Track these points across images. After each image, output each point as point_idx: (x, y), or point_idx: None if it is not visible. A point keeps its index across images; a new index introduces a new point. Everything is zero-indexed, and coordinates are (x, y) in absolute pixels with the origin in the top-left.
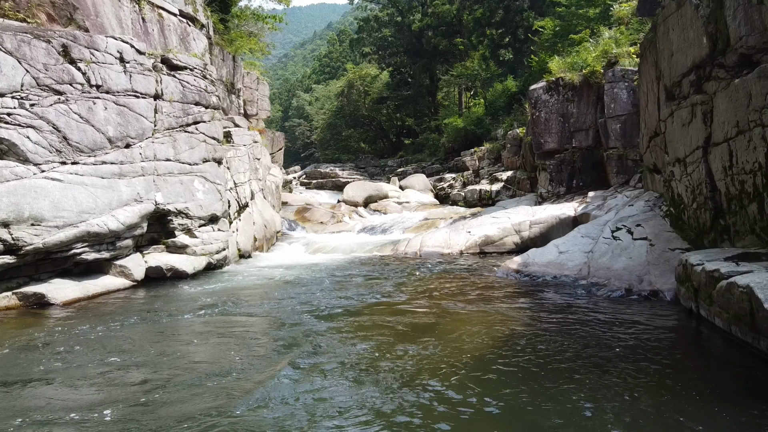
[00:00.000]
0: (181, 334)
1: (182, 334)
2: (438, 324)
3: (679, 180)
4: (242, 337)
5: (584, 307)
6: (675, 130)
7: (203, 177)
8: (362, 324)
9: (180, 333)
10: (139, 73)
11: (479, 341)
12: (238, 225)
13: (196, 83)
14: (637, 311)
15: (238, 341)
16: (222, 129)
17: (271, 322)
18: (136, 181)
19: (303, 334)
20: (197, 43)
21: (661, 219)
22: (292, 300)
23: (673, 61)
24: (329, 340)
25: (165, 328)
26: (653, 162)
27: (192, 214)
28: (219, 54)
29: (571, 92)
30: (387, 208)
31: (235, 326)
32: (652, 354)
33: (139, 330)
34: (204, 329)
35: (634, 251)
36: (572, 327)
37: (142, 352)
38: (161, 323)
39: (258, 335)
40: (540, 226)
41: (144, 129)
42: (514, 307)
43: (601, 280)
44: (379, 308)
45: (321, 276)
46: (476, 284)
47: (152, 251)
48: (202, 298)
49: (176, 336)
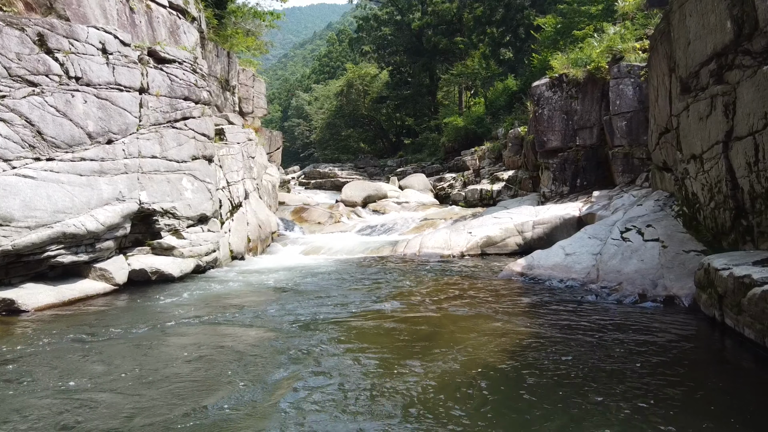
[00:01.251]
0: (162, 348)
1: (163, 348)
2: (441, 334)
3: (694, 178)
4: (232, 353)
5: (596, 314)
6: (690, 125)
7: (192, 175)
8: (360, 334)
9: (161, 346)
10: (123, 66)
11: (486, 354)
12: (230, 225)
13: (186, 77)
14: (654, 319)
15: (228, 357)
16: (214, 125)
17: (263, 333)
18: (119, 179)
19: (297, 348)
20: (188, 37)
21: (672, 219)
22: (286, 307)
23: (690, 50)
24: (326, 356)
25: (144, 339)
26: (663, 160)
27: (179, 214)
28: (213, 50)
29: (574, 89)
30: (386, 208)
31: (224, 338)
32: (675, 369)
33: (114, 343)
34: (188, 341)
35: (645, 253)
36: (585, 337)
37: (114, 372)
38: (140, 334)
39: (249, 350)
40: (543, 227)
41: (128, 124)
42: (521, 313)
43: (611, 284)
44: (378, 316)
45: (316, 280)
46: (479, 288)
47: (136, 253)
48: (188, 305)
49: (156, 350)
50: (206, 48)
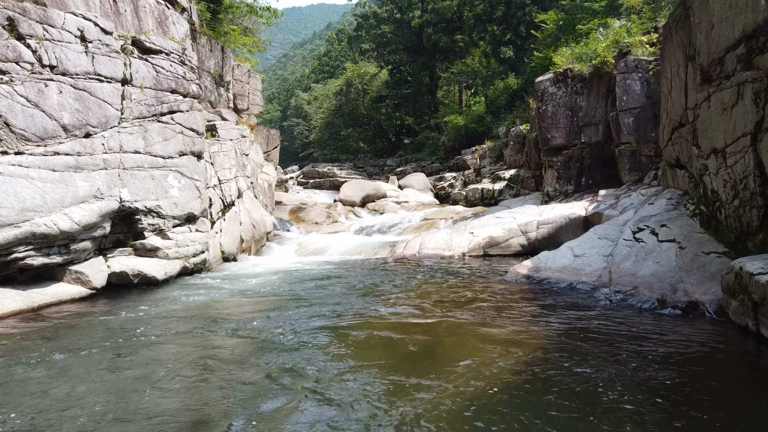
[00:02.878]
0: (135, 369)
1: (136, 369)
2: (445, 346)
3: (714, 174)
4: (218, 376)
5: (612, 322)
6: (712, 117)
7: (179, 172)
8: (359, 349)
9: (134, 367)
10: (104, 55)
11: (499, 370)
12: (222, 225)
13: (173, 69)
14: (677, 328)
15: (214, 383)
16: (204, 120)
17: (252, 349)
18: (97, 175)
19: (291, 369)
20: (177, 28)
21: (688, 219)
22: (276, 317)
23: (714, 35)
24: (324, 379)
25: (115, 357)
26: (675, 156)
27: (165, 213)
28: (207, 44)
29: (579, 84)
30: (385, 207)
31: (208, 356)
32: (709, 385)
33: (83, 358)
34: (167, 359)
35: (661, 255)
36: (604, 349)
37: (74, 403)
38: (111, 350)
39: (237, 372)
40: (548, 227)
41: (108, 117)
42: (530, 321)
43: (625, 288)
44: (376, 325)
45: (309, 284)
46: (482, 292)
47: (117, 255)
48: (169, 313)
49: (127, 372)
50: (199, 42)
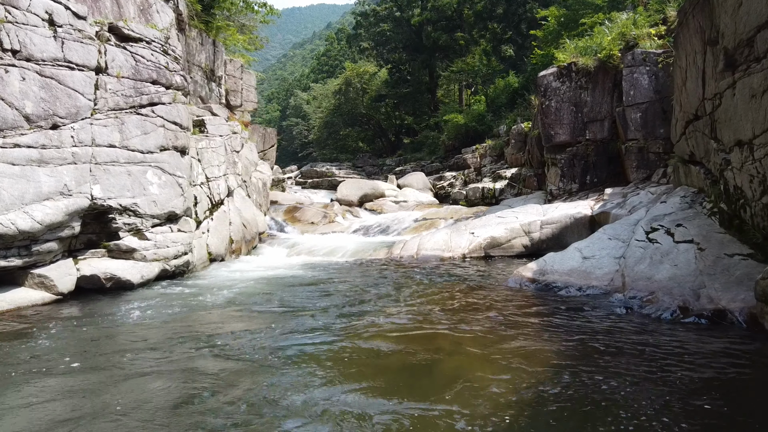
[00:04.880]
0: (90, 399)
1: (91, 399)
2: (441, 362)
3: (738, 169)
4: (190, 411)
5: (631, 333)
6: (737, 106)
7: (159, 168)
8: (345, 366)
9: (92, 395)
10: (76, 41)
11: (501, 392)
12: (209, 225)
13: (154, 58)
14: (705, 340)
15: (185, 419)
16: (189, 114)
17: (229, 367)
18: (64, 169)
19: (277, 400)
20: (161, 17)
21: (705, 218)
22: (260, 330)
23: (743, 12)
24: (315, 413)
25: (66, 382)
26: (689, 152)
27: (142, 212)
28: (197, 37)
29: (584, 79)
30: (383, 207)
31: (179, 381)
32: (753, 407)
33: (32, 379)
34: (134, 369)
35: (678, 257)
36: (625, 366)
37: None
38: (62, 372)
39: (214, 405)
40: (552, 227)
41: (79, 107)
42: (537, 333)
43: (642, 294)
44: (366, 337)
45: (298, 289)
46: (485, 298)
47: (89, 257)
48: (143, 320)
49: (84, 401)
50: (189, 35)
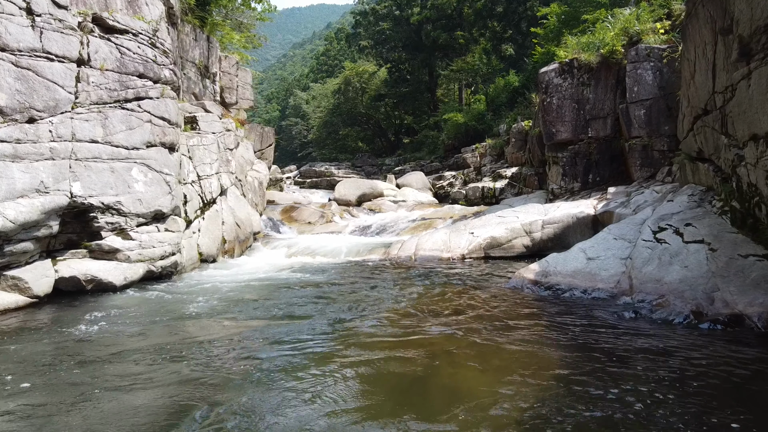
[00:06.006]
0: (56, 410)
1: (55, 411)
2: (438, 375)
3: (753, 165)
4: (156, 418)
5: (642, 339)
6: (752, 97)
7: (145, 165)
8: (334, 381)
9: (53, 407)
10: (56, 31)
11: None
12: (200, 225)
13: (141, 51)
14: (723, 347)
15: (151, 423)
16: (178, 109)
17: (208, 385)
18: (41, 165)
19: (248, 409)
20: (150, 9)
21: (716, 217)
22: (243, 338)
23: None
24: (285, 423)
25: (23, 407)
26: (697, 148)
27: (126, 211)
28: (191, 32)
29: (586, 75)
30: (382, 207)
31: (149, 384)
32: None
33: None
34: (101, 385)
35: (689, 258)
36: (639, 378)
37: None
38: (18, 394)
39: (184, 410)
40: (554, 227)
41: (58, 100)
42: (541, 340)
43: (651, 297)
44: (358, 345)
45: (290, 292)
46: (485, 302)
47: (69, 257)
48: (119, 327)
49: (47, 418)
50: (182, 30)
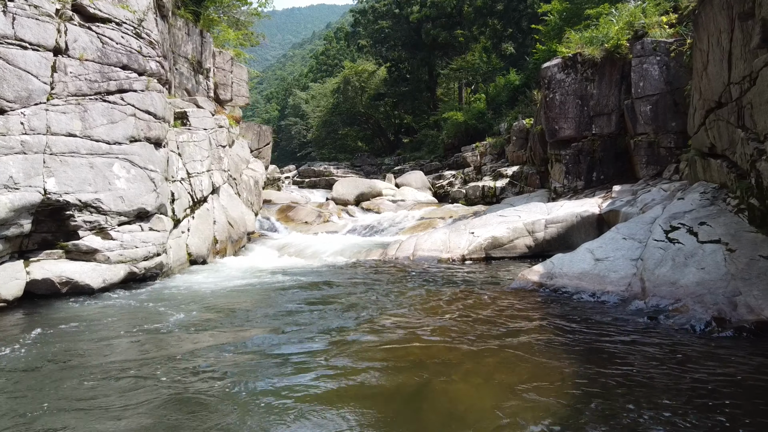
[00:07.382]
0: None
1: None
2: (434, 392)
3: None
4: None
5: (660, 349)
6: None
7: (128, 160)
8: (322, 393)
9: None
10: (30, 17)
11: None
12: (190, 224)
13: (125, 41)
14: (752, 359)
15: None
16: (164, 102)
17: (186, 397)
18: (10, 160)
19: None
20: (138, 0)
21: (732, 215)
22: (225, 352)
23: None
24: None
25: None
26: (710, 144)
27: (106, 209)
28: (184, 27)
29: (590, 70)
30: (380, 206)
31: (117, 405)
32: None
33: None
34: (59, 406)
35: (705, 259)
36: (659, 393)
37: None
38: None
39: None
40: (557, 226)
41: (32, 91)
42: (548, 351)
43: (665, 302)
44: (350, 354)
45: (282, 295)
46: (487, 306)
47: (44, 258)
48: (88, 337)
49: None
50: (174, 24)
